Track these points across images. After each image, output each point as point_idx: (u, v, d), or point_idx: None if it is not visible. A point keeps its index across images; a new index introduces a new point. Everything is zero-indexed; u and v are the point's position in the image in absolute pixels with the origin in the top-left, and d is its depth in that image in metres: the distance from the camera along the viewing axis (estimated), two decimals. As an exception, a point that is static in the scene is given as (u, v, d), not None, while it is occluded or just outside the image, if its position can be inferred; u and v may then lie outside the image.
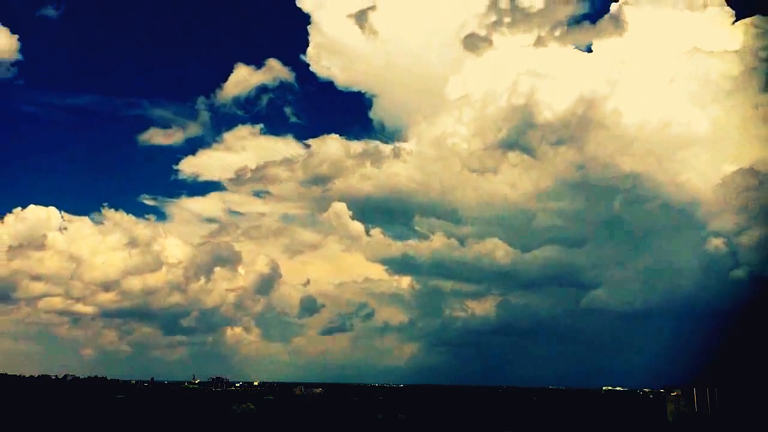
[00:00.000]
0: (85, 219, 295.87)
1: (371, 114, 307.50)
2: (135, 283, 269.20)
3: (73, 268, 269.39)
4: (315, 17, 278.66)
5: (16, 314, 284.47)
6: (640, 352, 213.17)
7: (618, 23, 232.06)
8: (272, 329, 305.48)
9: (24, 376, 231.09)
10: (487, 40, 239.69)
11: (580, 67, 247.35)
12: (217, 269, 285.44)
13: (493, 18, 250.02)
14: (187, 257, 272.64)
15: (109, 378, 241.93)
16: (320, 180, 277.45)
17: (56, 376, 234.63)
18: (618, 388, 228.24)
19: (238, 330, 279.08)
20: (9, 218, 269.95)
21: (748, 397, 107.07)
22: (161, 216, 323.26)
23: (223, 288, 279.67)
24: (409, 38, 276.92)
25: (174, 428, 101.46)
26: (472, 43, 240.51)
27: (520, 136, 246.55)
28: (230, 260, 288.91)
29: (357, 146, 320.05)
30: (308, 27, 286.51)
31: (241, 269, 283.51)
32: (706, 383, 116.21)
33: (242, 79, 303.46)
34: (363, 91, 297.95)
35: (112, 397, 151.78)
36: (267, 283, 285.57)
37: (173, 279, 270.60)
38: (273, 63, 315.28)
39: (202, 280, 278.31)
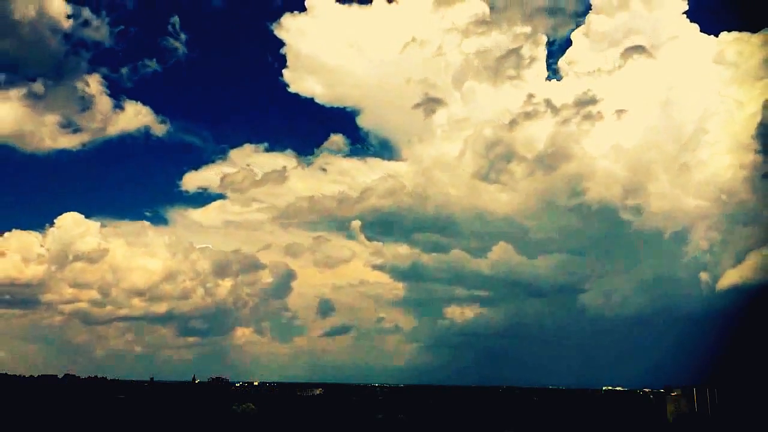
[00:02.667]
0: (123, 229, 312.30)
1: (362, 132, 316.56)
2: (161, 290, 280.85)
3: (100, 275, 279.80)
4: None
5: (33, 317, 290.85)
6: (638, 354, 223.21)
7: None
8: (277, 331, 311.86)
9: (24, 376, 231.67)
10: (521, 124, 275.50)
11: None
12: (238, 277, 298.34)
13: (529, 108, 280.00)
14: (209, 266, 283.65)
15: (110, 378, 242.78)
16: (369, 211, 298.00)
17: (56, 376, 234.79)
18: (618, 388, 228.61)
19: (246, 331, 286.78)
20: (51, 228, 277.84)
21: (748, 397, 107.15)
22: (189, 225, 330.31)
23: (238, 293, 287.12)
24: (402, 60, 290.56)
25: (174, 428, 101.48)
26: (513, 125, 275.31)
27: (505, 163, 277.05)
28: (250, 268, 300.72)
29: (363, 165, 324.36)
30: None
31: (260, 276, 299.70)
32: (706, 383, 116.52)
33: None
34: (348, 107, 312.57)
35: (111, 397, 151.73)
36: (281, 289, 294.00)
37: (194, 286, 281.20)
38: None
39: (220, 286, 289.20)
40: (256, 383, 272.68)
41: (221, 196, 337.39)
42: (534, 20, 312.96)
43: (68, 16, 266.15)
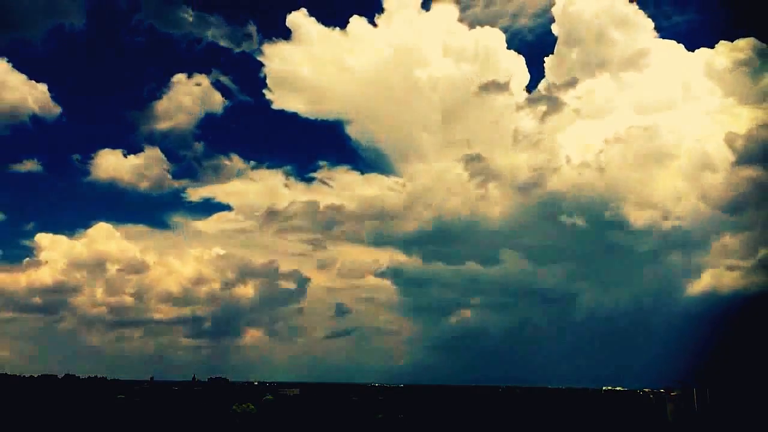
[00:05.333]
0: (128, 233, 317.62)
1: (352, 145, 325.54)
2: (182, 294, 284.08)
3: (120, 280, 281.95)
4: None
5: (49, 321, 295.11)
6: (633, 354, 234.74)
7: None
8: (281, 333, 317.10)
9: (24, 376, 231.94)
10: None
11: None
12: (251, 281, 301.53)
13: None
14: (224, 272, 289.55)
15: (110, 378, 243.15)
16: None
17: (56, 376, 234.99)
18: (618, 388, 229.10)
19: (255, 333, 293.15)
20: (80, 236, 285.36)
21: (748, 397, 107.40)
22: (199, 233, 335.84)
23: (250, 296, 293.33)
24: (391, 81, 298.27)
25: (174, 428, 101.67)
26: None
27: (490, 183, 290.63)
28: (261, 274, 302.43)
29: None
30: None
31: (271, 282, 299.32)
32: (706, 383, 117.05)
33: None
34: (339, 120, 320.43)
35: (111, 396, 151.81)
36: (292, 294, 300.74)
37: (209, 290, 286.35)
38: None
39: (232, 290, 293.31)
40: (256, 383, 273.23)
41: (227, 207, 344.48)
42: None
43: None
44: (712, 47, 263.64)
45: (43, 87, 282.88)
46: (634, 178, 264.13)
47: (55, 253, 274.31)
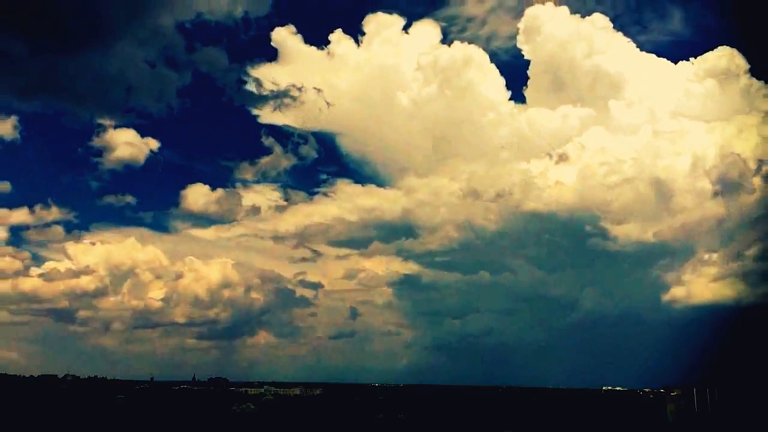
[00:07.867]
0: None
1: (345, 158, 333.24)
2: (197, 299, 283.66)
3: (133, 286, 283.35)
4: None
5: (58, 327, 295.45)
6: (635, 354, 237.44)
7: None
8: (284, 333, 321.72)
9: (24, 376, 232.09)
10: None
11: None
12: (258, 284, 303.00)
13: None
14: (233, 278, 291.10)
15: (110, 378, 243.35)
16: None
17: (56, 375, 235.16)
18: (618, 388, 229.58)
19: (263, 336, 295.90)
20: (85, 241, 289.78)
21: (748, 397, 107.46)
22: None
23: (256, 301, 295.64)
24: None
25: (174, 428, 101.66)
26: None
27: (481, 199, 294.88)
28: (269, 281, 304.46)
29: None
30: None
31: (279, 287, 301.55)
32: (706, 383, 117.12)
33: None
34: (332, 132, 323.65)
35: (111, 397, 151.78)
36: (300, 300, 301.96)
37: (220, 296, 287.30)
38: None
39: (242, 294, 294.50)
40: (256, 383, 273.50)
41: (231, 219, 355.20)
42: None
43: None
44: (689, 60, 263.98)
45: (154, 142, 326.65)
46: (613, 195, 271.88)
47: (75, 259, 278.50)
